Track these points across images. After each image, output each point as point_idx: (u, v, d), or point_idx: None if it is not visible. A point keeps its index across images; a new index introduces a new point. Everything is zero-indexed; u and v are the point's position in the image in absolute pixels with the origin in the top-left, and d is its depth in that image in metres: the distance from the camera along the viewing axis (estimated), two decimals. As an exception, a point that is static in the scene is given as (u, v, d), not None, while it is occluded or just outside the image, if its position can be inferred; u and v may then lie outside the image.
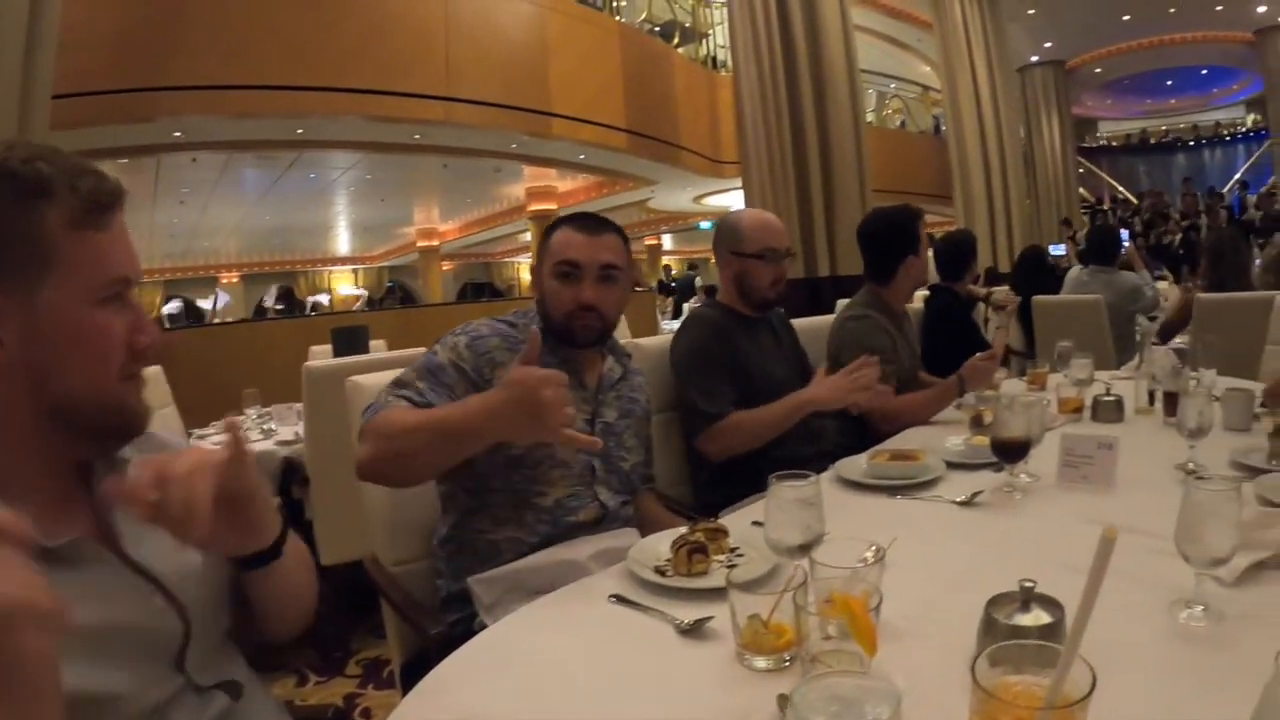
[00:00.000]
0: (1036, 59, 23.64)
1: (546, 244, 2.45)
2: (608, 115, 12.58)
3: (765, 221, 3.37)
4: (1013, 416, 2.31)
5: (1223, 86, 29.79)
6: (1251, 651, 1.39)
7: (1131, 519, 1.95)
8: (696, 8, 16.41)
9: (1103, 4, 20.68)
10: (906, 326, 4.03)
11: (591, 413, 2.45)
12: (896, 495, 2.41)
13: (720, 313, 3.33)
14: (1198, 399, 2.47)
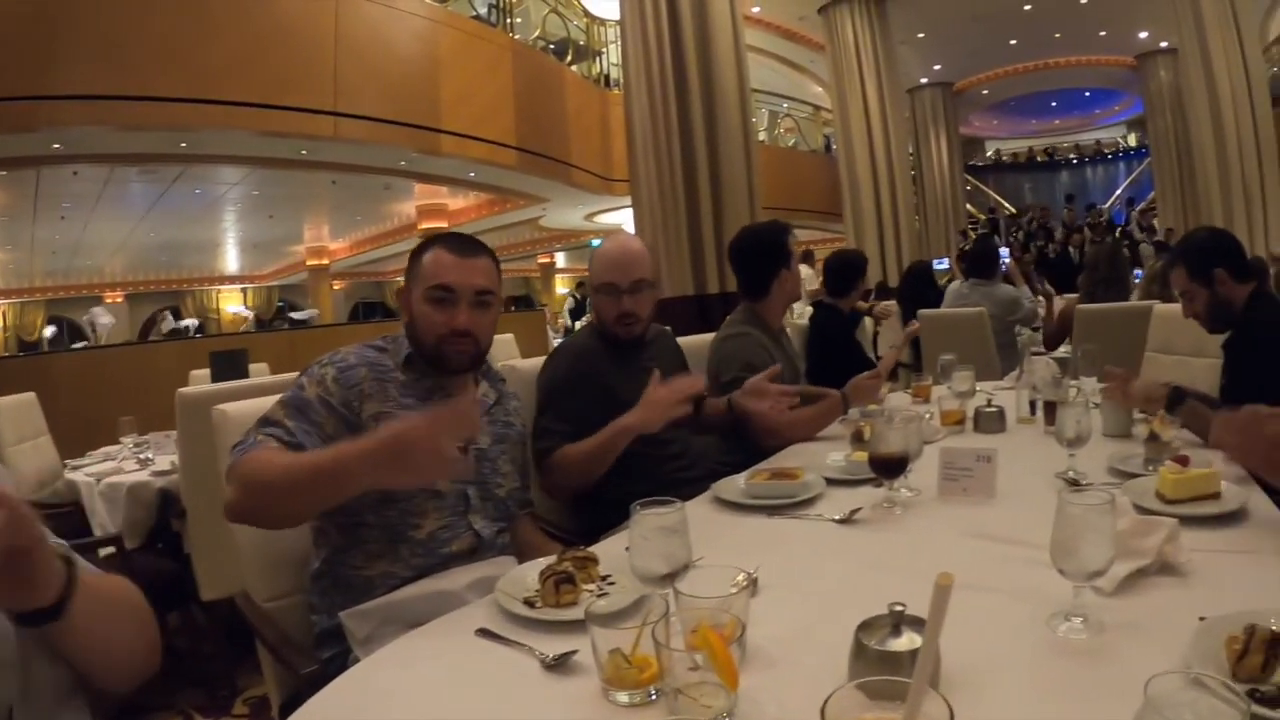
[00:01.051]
0: (926, 80, 24.20)
1: (417, 266, 2.36)
2: (498, 132, 12.43)
3: (611, 253, 3.20)
4: (890, 432, 2.29)
5: (1105, 107, 30.84)
6: (1132, 662, 1.39)
7: (1011, 530, 1.99)
8: (590, 26, 16.34)
9: (990, 29, 21.30)
10: (785, 342, 4.00)
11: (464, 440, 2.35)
12: (775, 515, 2.36)
13: (592, 340, 3.22)
14: (1075, 408, 2.52)
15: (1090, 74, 25.92)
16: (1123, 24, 21.45)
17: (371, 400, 2.19)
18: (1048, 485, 2.47)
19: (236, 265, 29.70)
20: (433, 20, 11.73)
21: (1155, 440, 2.59)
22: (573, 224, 21.90)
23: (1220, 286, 3.21)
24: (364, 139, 10.78)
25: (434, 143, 11.55)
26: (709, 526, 2.31)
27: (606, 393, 2.96)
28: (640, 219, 8.97)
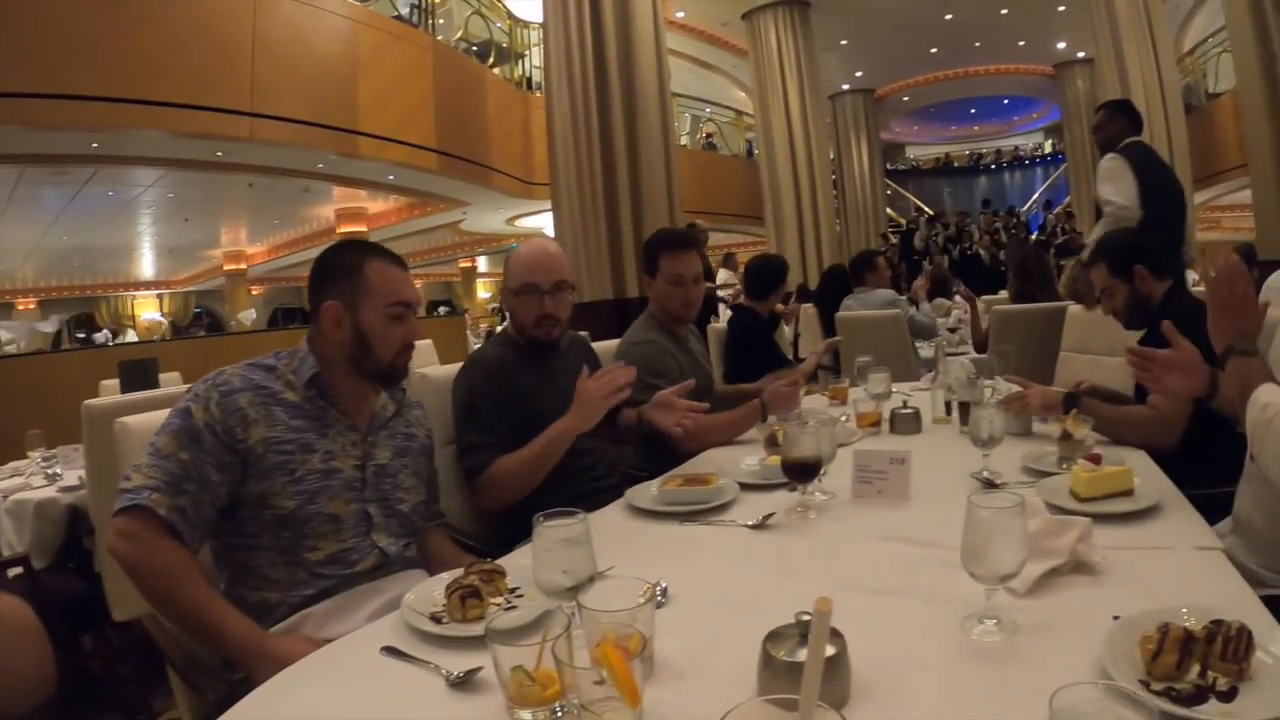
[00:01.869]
0: (848, 87, 24.56)
1: (360, 282, 2.28)
2: (418, 135, 12.30)
3: (531, 255, 3.15)
4: (802, 436, 2.26)
5: (1023, 114, 31.58)
6: (1046, 664, 1.40)
7: (925, 532, 1.99)
8: (514, 28, 16.26)
9: (912, 37, 21.72)
10: (693, 345, 3.97)
11: (361, 457, 2.29)
12: (688, 521, 2.33)
13: (505, 349, 3.14)
14: (988, 409, 2.53)
15: (1009, 82, 26.56)
16: (1041, 34, 22.00)
17: (257, 426, 2.11)
18: (962, 486, 2.47)
19: (152, 270, 29.04)
20: (354, 20, 11.55)
21: (1068, 439, 2.61)
22: (494, 228, 21.78)
23: (1140, 283, 3.26)
24: (282, 141, 10.59)
25: (353, 145, 11.39)
26: (622, 535, 2.28)
27: (524, 402, 2.91)
28: (560, 222, 8.92)
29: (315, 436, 2.19)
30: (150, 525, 1.95)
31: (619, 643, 1.23)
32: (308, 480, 2.14)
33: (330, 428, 2.23)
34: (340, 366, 2.29)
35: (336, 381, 2.28)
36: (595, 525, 2.30)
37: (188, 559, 1.99)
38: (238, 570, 2.15)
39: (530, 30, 16.04)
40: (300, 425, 2.18)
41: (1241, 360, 2.11)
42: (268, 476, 2.09)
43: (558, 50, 9.03)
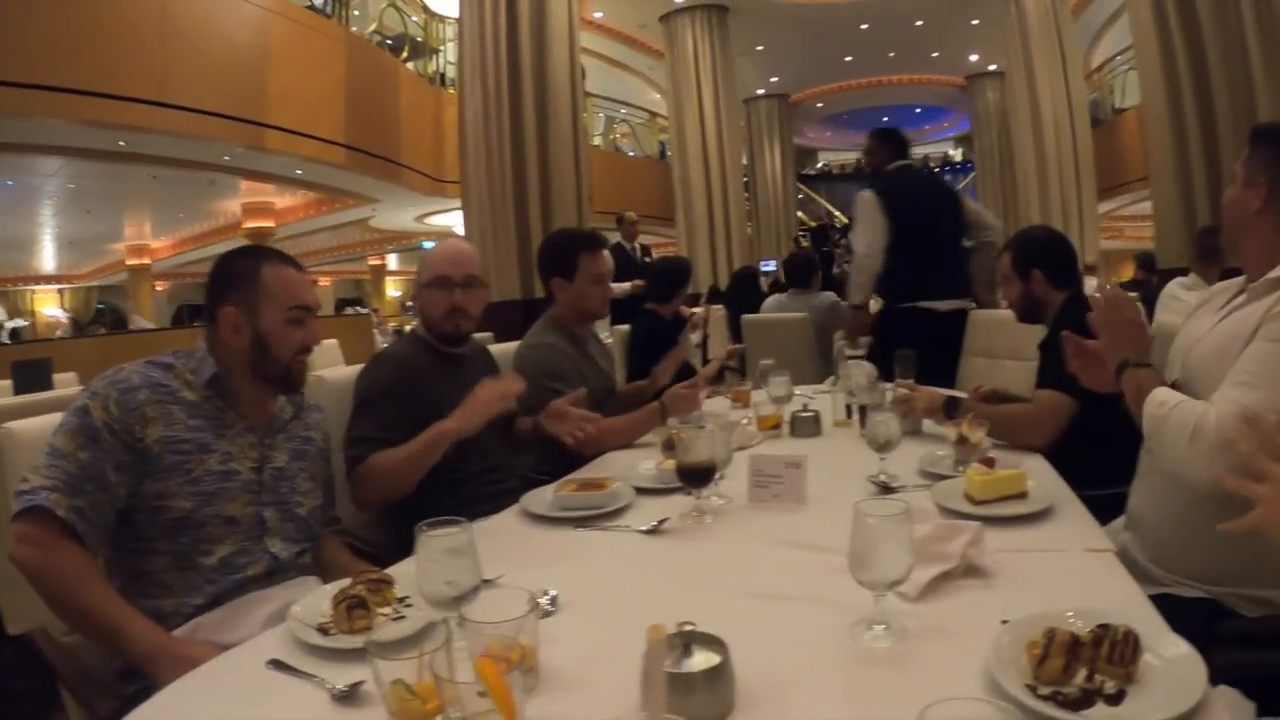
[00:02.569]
0: (763, 91, 24.74)
1: (257, 284, 2.26)
2: (328, 129, 12.05)
3: (445, 250, 3.17)
4: (697, 441, 2.26)
5: (934, 124, 32.15)
6: (934, 668, 1.42)
7: (819, 537, 1.97)
8: (429, 22, 15.99)
9: (827, 45, 21.96)
10: (595, 349, 3.92)
11: (259, 459, 2.25)
12: (583, 527, 2.31)
13: (415, 349, 3.11)
14: (885, 413, 2.55)
15: (922, 92, 27.03)
16: (955, 47, 22.45)
17: (155, 424, 2.07)
18: (860, 490, 2.49)
19: (53, 264, 28.23)
20: (265, 9, 11.21)
21: (964, 443, 2.65)
22: (404, 225, 21.49)
23: (1034, 285, 3.32)
24: (187, 132, 10.24)
25: (260, 138, 11.10)
26: (516, 541, 2.26)
27: (427, 405, 2.84)
28: (470, 221, 8.84)
29: (213, 437, 2.16)
30: (50, 528, 1.92)
31: (500, 655, 1.21)
32: (205, 481, 2.10)
33: (228, 429, 2.20)
34: (239, 371, 2.26)
35: (236, 384, 2.25)
36: (490, 531, 2.31)
37: (88, 561, 1.95)
38: (131, 577, 2.09)
39: (446, 25, 15.71)
40: (198, 425, 2.14)
41: (1136, 371, 2.22)
42: (165, 477, 2.06)
43: (472, 46, 8.95)
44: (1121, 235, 25.53)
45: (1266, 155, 2.22)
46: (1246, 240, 2.26)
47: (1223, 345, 2.12)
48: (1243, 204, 2.23)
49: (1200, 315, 2.43)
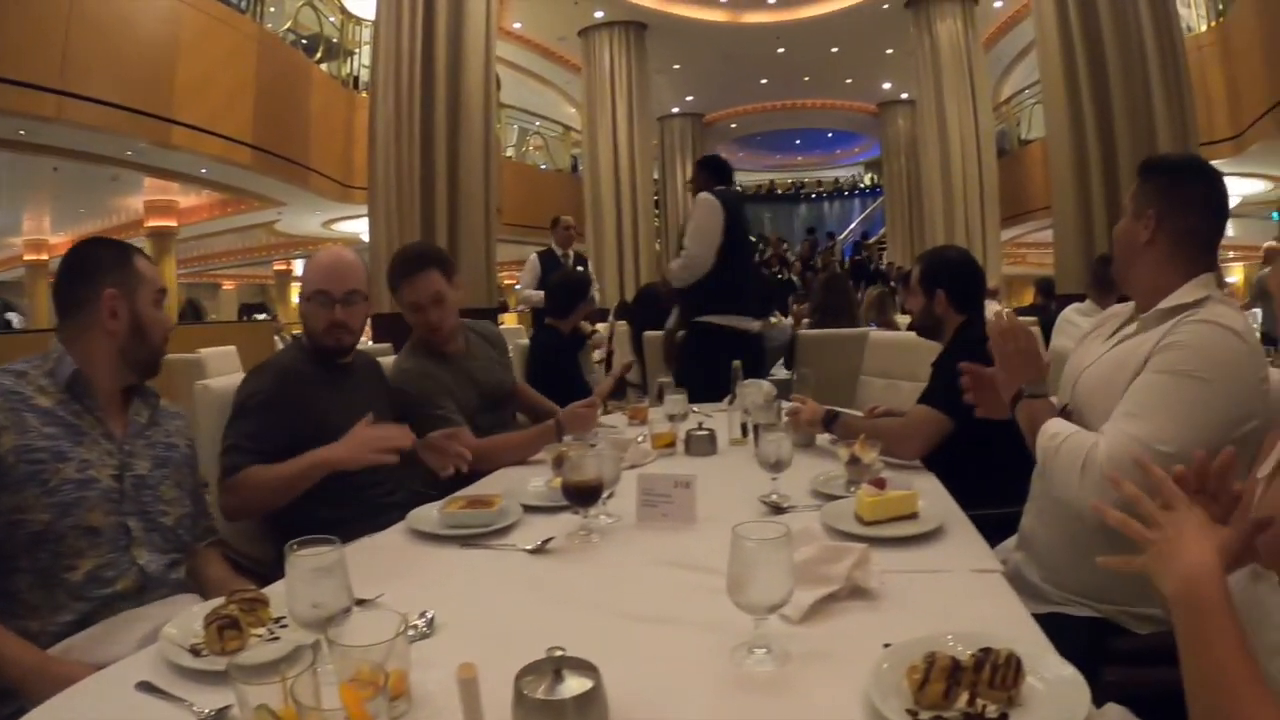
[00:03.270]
0: (677, 110, 24.91)
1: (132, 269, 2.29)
2: (235, 128, 11.75)
3: (326, 262, 3.07)
4: (585, 459, 2.24)
5: (845, 148, 32.67)
6: (815, 693, 1.41)
7: (706, 557, 1.94)
8: (346, 23, 15.71)
9: (744, 66, 22.26)
10: (469, 364, 3.73)
11: (119, 467, 2.18)
12: (469, 545, 2.27)
13: (299, 357, 3.05)
14: (777, 433, 2.54)
15: (835, 117, 27.44)
16: (868, 74, 22.91)
17: (7, 433, 2.00)
18: (750, 510, 2.50)
19: (-53, 259, 27.33)
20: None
21: (856, 463, 2.66)
22: (310, 230, 21.05)
23: (936, 303, 3.39)
24: (91, 123, 9.86)
25: (166, 134, 10.75)
26: (399, 559, 2.22)
27: (309, 414, 2.80)
28: (376, 228, 8.73)
29: (69, 445, 2.09)
30: None
31: (368, 680, 1.18)
32: (62, 491, 2.03)
33: (85, 435, 2.13)
34: (106, 362, 2.22)
35: (97, 382, 2.20)
36: (374, 548, 2.26)
37: None
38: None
39: (363, 27, 15.41)
40: (53, 433, 2.07)
41: (1030, 402, 2.30)
42: (20, 488, 1.98)
43: (387, 49, 8.87)
44: (1024, 261, 26.18)
45: (1154, 188, 2.28)
46: (1136, 270, 2.32)
47: (1111, 374, 2.17)
48: (1132, 235, 2.29)
49: (1090, 342, 2.49)
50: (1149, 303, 2.24)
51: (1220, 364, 1.98)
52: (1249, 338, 2.04)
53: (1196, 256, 2.22)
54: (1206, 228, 2.25)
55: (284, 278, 31.36)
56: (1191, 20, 13.18)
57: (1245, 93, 11.86)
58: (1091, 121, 8.53)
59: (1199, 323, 2.03)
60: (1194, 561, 1.20)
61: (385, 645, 1.30)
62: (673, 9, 18.38)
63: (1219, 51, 12.59)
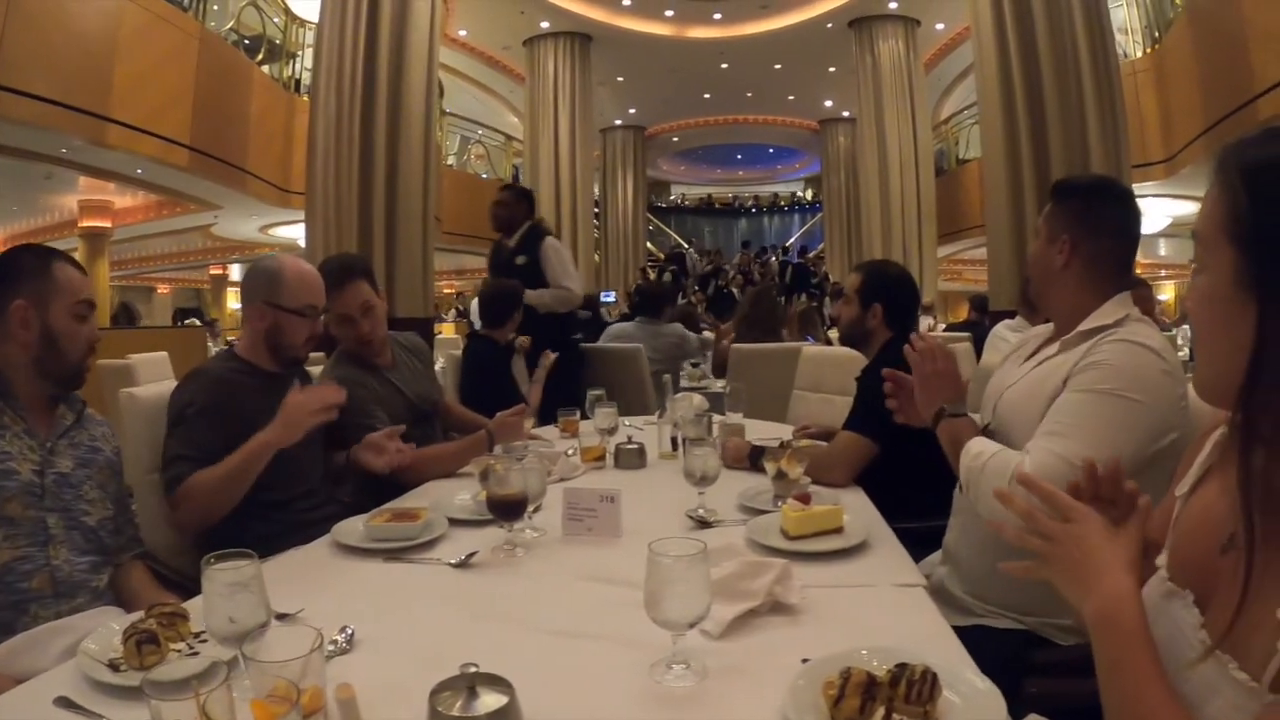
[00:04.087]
0: (620, 122, 25.03)
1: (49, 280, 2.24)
2: (173, 129, 11.50)
3: (307, 274, 3.05)
4: (510, 472, 2.24)
5: (786, 164, 32.93)
6: (734, 709, 1.43)
7: (630, 572, 1.89)
8: (289, 25, 15.45)
9: (686, 81, 22.45)
10: (398, 375, 3.70)
11: (40, 463, 2.16)
12: (393, 559, 2.26)
13: (234, 368, 2.97)
14: (704, 447, 2.55)
15: (776, 132, 27.68)
16: (810, 91, 23.19)
17: None
18: (677, 523, 2.51)
19: None
20: None
21: (783, 478, 2.69)
22: (247, 235, 20.65)
23: (870, 316, 3.42)
24: (25, 119, 9.50)
25: (102, 132, 10.44)
26: (324, 572, 2.21)
27: (246, 425, 2.73)
28: (313, 234, 8.60)
29: None
30: None
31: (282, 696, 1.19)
32: None
33: (6, 429, 2.12)
34: (22, 371, 2.19)
35: (16, 386, 2.18)
36: (299, 561, 2.25)
37: None
38: None
39: (307, 29, 15.11)
40: None
41: (951, 422, 2.34)
42: None
43: (329, 53, 8.76)
44: (960, 278, 26.53)
45: (1067, 211, 2.33)
46: (1053, 295, 2.36)
47: (1032, 394, 2.21)
48: (1047, 261, 2.33)
49: (1011, 362, 2.53)
50: (1068, 324, 2.28)
51: (1139, 381, 2.02)
52: (1167, 355, 2.08)
53: (1112, 277, 2.27)
54: (1121, 249, 2.31)
55: (220, 282, 30.89)
56: (1129, 46, 13.46)
57: (1178, 117, 12.16)
58: (1026, 143, 8.66)
59: (1118, 342, 2.08)
60: (1111, 584, 1.23)
61: (300, 661, 1.29)
62: (618, 21, 18.51)
63: (1154, 77, 12.89)
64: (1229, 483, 1.19)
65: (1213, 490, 1.30)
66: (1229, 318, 1.14)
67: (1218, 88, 10.42)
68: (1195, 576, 1.25)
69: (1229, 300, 1.14)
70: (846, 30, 18.23)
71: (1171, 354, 2.11)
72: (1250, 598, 1.09)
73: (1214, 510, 1.26)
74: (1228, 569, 1.17)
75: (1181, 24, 11.95)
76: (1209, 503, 1.29)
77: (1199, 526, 1.28)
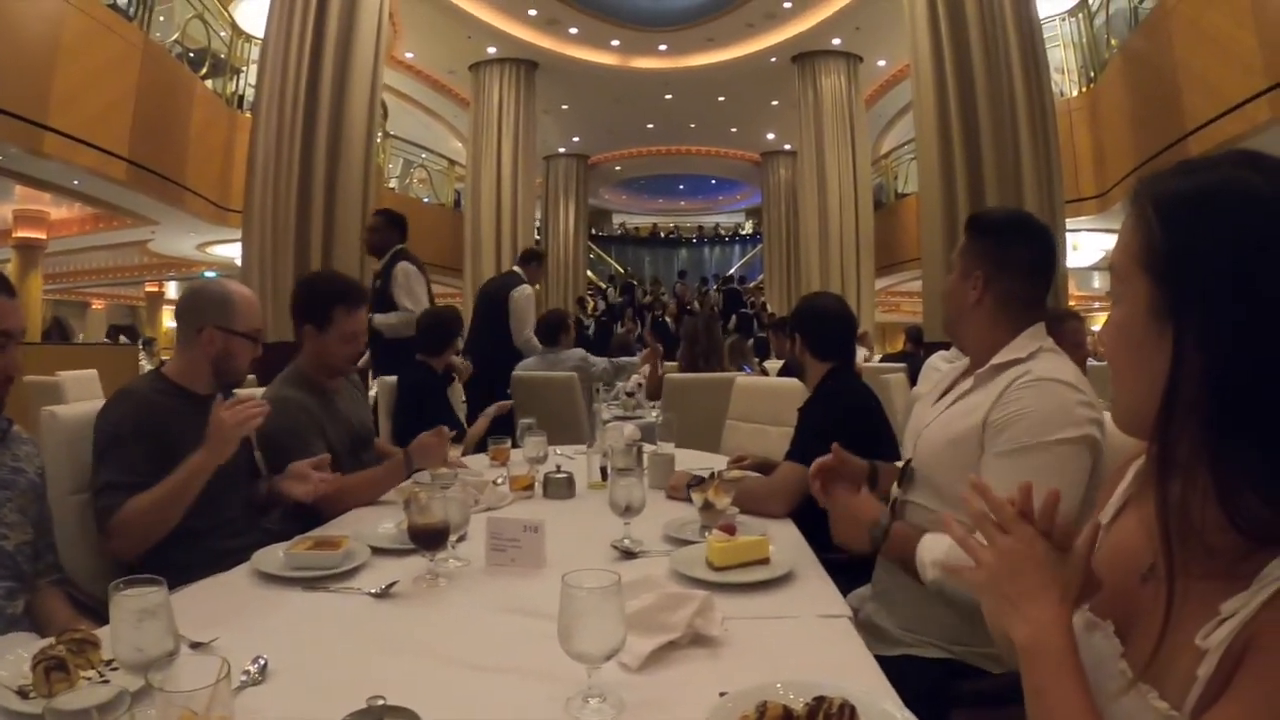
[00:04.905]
0: (563, 150, 25.15)
1: None
2: (111, 140, 11.21)
3: (251, 299, 3.04)
4: (431, 502, 2.22)
5: (728, 195, 33.14)
6: None
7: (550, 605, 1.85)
8: (235, 40, 15.22)
9: (631, 110, 22.66)
10: (344, 399, 3.74)
11: None
12: (313, 589, 2.23)
13: (162, 390, 2.91)
14: (628, 478, 2.54)
15: (718, 164, 27.86)
16: (753, 124, 23.43)
17: None
18: (601, 554, 2.51)
19: None
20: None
21: (709, 508, 2.69)
22: (184, 252, 20.19)
23: (797, 350, 3.49)
24: None
25: (38, 140, 10.13)
26: (241, 601, 2.16)
27: (175, 449, 2.70)
28: (249, 254, 8.54)
29: None
30: None
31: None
32: None
33: None
34: None
35: None
36: (216, 589, 2.21)
37: None
38: None
39: (252, 45, 14.80)
40: None
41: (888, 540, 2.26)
42: None
43: (273, 69, 8.73)
44: (898, 309, 26.85)
45: (981, 249, 2.36)
46: (967, 329, 2.39)
47: (950, 434, 2.24)
48: (961, 296, 2.36)
49: (928, 400, 2.55)
50: (981, 358, 2.30)
51: (1061, 420, 2.04)
52: (1082, 385, 2.10)
53: (1025, 312, 2.29)
54: (1034, 286, 2.33)
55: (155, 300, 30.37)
56: (1065, 85, 13.79)
57: (1111, 155, 12.48)
58: (962, 178, 8.84)
59: (1030, 385, 2.09)
60: (1042, 612, 1.21)
61: (206, 691, 1.28)
62: (565, 50, 18.63)
63: (1087, 115, 13.21)
64: (1147, 512, 1.21)
65: (1131, 520, 1.33)
66: (1144, 348, 1.16)
67: (1150, 126, 10.72)
68: (1116, 606, 1.27)
69: (1144, 330, 1.16)
70: (790, 65, 18.50)
71: (1085, 383, 2.13)
72: (1171, 627, 1.11)
73: (1133, 540, 1.29)
74: (1147, 598, 1.20)
75: (1116, 65, 12.30)
76: (1128, 532, 1.32)
77: (1118, 556, 1.30)
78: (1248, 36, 8.23)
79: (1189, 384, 1.10)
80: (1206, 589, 1.10)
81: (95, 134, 10.82)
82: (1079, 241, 15.20)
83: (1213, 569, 1.11)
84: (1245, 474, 1.07)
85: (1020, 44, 8.85)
